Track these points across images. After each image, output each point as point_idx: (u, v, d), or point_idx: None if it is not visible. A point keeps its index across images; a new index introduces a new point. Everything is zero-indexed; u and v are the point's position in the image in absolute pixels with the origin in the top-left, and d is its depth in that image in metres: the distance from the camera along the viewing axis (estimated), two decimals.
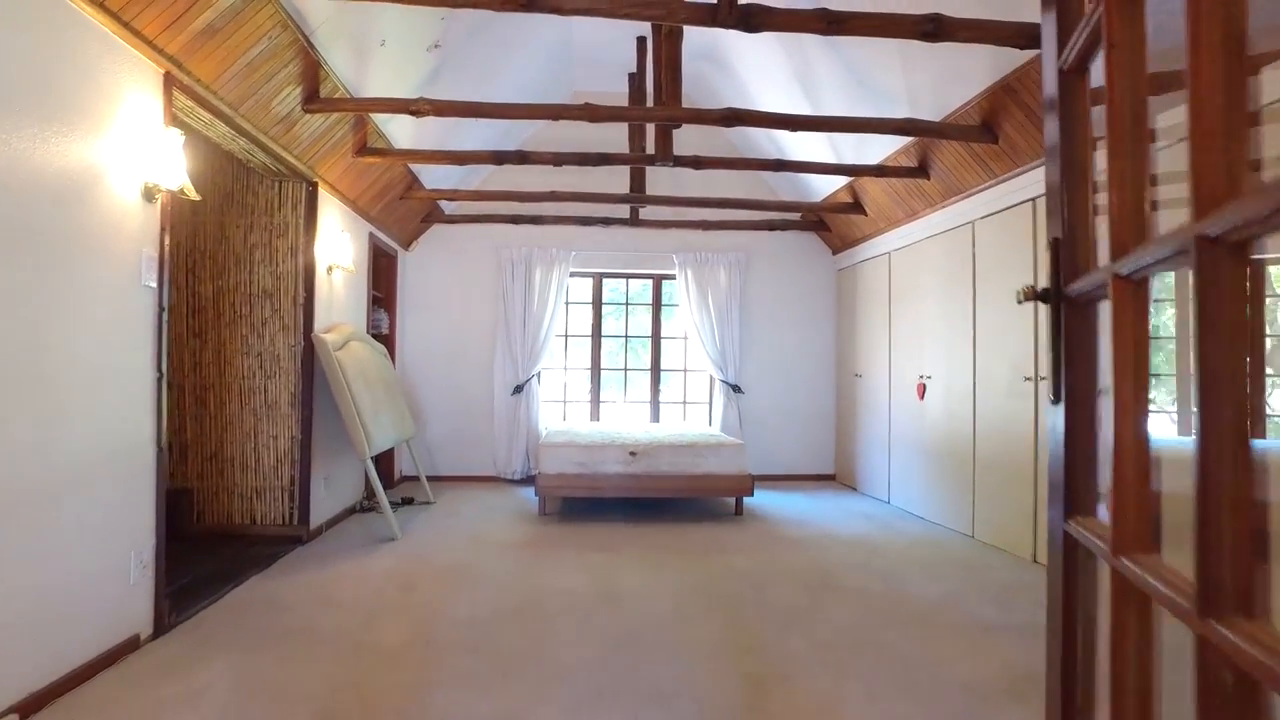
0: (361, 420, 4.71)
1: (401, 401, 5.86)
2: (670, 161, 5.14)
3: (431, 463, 7.31)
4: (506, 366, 7.27)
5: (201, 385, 4.72)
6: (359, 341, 5.34)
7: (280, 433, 4.71)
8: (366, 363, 5.24)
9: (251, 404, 4.72)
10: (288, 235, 4.74)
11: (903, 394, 6.18)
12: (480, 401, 7.37)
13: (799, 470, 7.68)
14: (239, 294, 4.73)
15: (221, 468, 4.71)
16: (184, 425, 4.72)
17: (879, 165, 5.43)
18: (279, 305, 4.73)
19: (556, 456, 5.52)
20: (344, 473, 5.37)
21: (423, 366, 7.34)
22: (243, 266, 4.73)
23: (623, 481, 5.50)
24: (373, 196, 5.77)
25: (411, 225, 6.98)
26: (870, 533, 5.28)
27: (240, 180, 4.74)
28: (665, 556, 4.51)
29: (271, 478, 4.71)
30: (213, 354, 4.72)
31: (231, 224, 4.74)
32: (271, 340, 4.73)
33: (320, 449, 4.93)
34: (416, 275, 7.36)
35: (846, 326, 7.49)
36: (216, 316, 4.72)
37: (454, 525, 5.32)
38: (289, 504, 4.70)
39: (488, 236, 7.39)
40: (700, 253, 7.49)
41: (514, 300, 7.24)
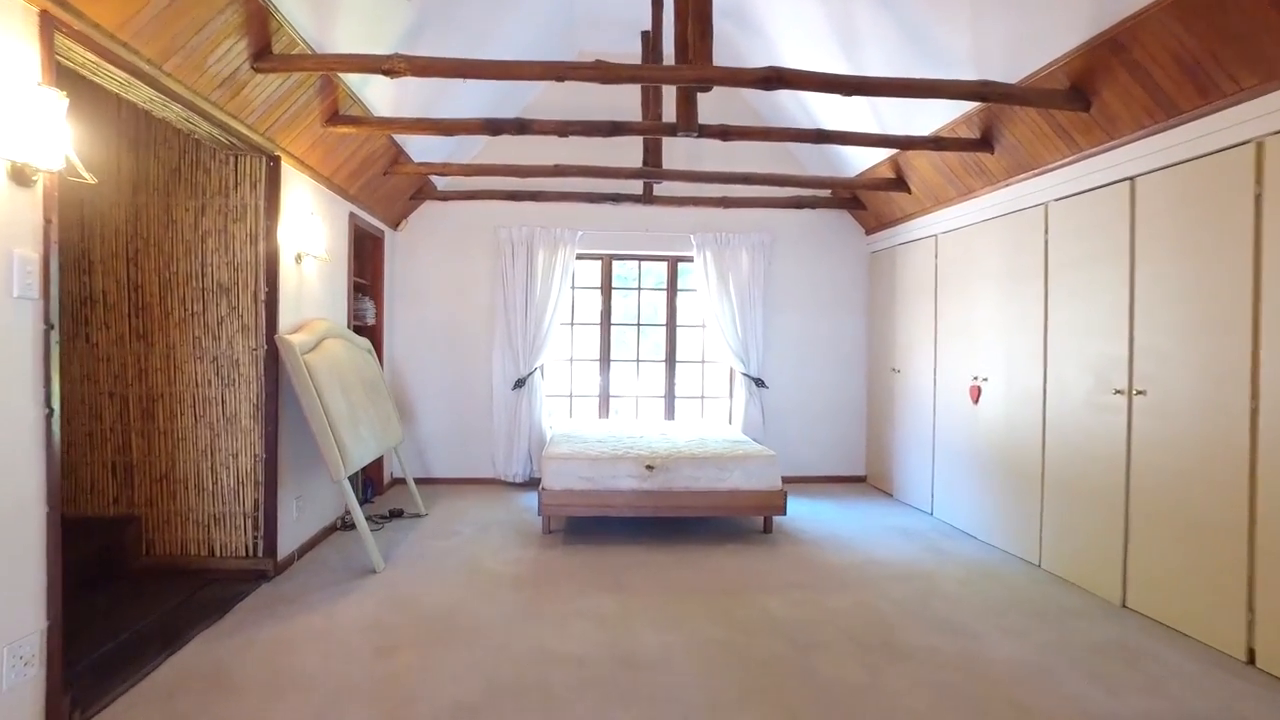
0: (336, 436, 4.04)
1: (387, 404, 5.19)
2: (694, 131, 4.40)
3: (425, 465, 6.66)
4: (506, 358, 6.59)
5: (149, 396, 4.05)
6: (336, 339, 4.65)
7: (241, 450, 4.05)
8: (344, 364, 4.56)
9: (208, 417, 4.05)
10: (246, 219, 4.03)
11: (950, 394, 5.50)
12: (478, 397, 6.70)
13: (827, 472, 7.01)
14: (190, 288, 4.04)
15: (173, 491, 4.06)
16: (129, 443, 4.05)
17: (935, 137, 4.68)
18: (237, 302, 4.04)
19: (561, 470, 4.86)
20: (320, 488, 4.72)
21: (414, 360, 6.66)
22: (194, 256, 4.04)
23: (637, 499, 4.84)
24: (351, 172, 5.04)
25: (399, 203, 6.26)
26: (919, 558, 4.63)
27: (189, 154, 4.03)
28: (687, 600, 3.86)
29: (232, 502, 4.06)
30: (161, 359, 4.04)
31: (179, 206, 4.03)
32: (229, 343, 4.05)
33: (291, 465, 4.27)
34: (406, 259, 6.65)
35: (882, 316, 6.78)
36: (164, 315, 4.04)
37: (445, 549, 4.68)
38: (252, 532, 4.06)
39: (485, 215, 6.66)
40: (720, 233, 6.76)
41: (514, 285, 6.54)
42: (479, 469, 6.71)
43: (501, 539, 4.93)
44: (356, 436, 4.31)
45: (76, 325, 4.03)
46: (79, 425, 4.05)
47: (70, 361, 4.03)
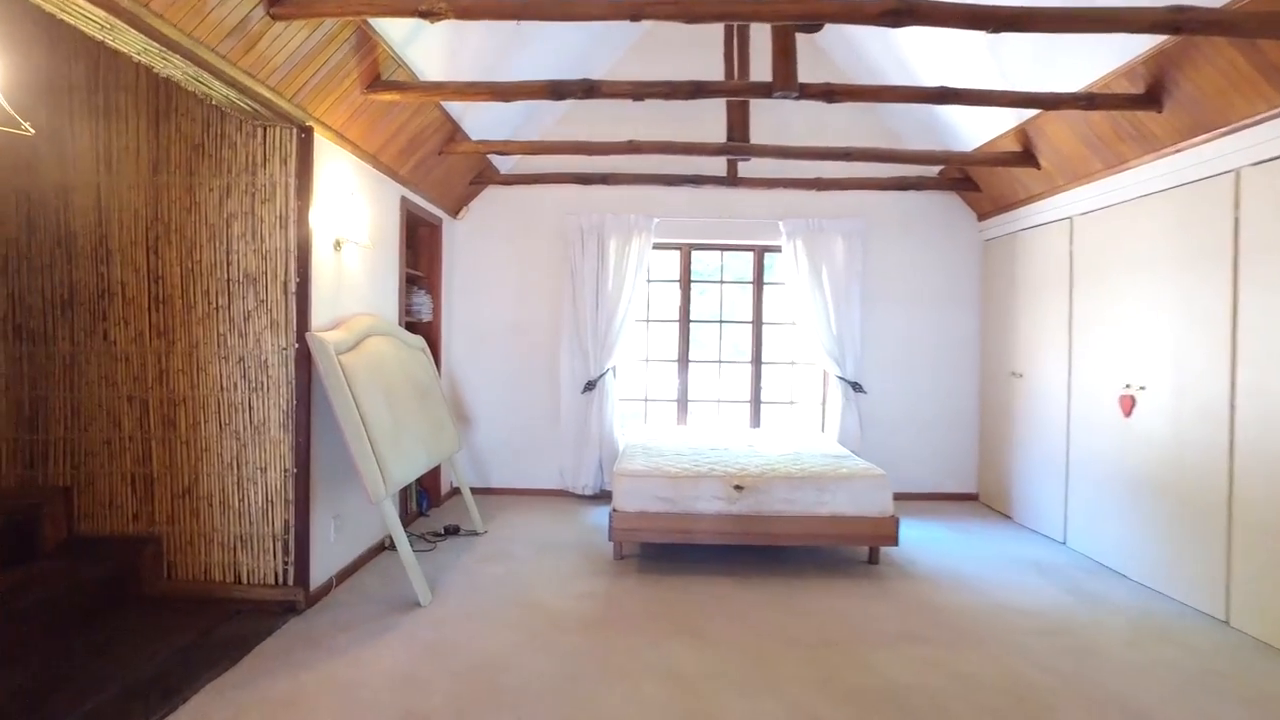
0: (375, 450, 3.50)
1: (441, 410, 4.65)
2: (794, 91, 3.69)
3: (485, 474, 6.13)
4: (575, 359, 5.99)
5: (170, 400, 3.59)
6: (381, 337, 4.13)
7: (270, 463, 3.55)
8: (389, 366, 4.03)
9: (233, 425, 3.57)
10: (275, 200, 3.53)
11: (1091, 403, 4.62)
12: (544, 401, 6.12)
13: (932, 488, 6.18)
14: (214, 279, 3.56)
15: (196, 508, 3.59)
16: (149, 453, 3.60)
17: (1086, 94, 3.84)
18: (265, 294, 3.54)
19: (636, 490, 4.22)
20: (364, 504, 4.20)
21: (474, 360, 6.13)
22: (218, 242, 3.55)
23: (723, 524, 4.16)
24: (400, 150, 4.51)
25: (458, 187, 5.73)
26: (1063, 604, 3.80)
27: (213, 126, 3.55)
28: (783, 655, 3.16)
29: (260, 522, 3.56)
30: (183, 359, 3.58)
31: (203, 186, 3.55)
32: (257, 341, 3.55)
33: (327, 480, 3.76)
34: (467, 249, 6.13)
35: (998, 312, 5.90)
36: (186, 309, 3.57)
37: (501, 577, 4.10)
38: (282, 558, 3.55)
39: (552, 201, 6.08)
40: (812, 219, 6.01)
41: (584, 278, 5.94)
42: (544, 480, 6.14)
43: (566, 565, 4.32)
44: (400, 450, 3.76)
45: (94, 321, 3.60)
46: (96, 432, 3.62)
47: (87, 361, 3.61)
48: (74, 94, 3.60)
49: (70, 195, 3.61)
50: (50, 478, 3.65)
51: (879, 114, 5.99)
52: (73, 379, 3.62)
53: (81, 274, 3.60)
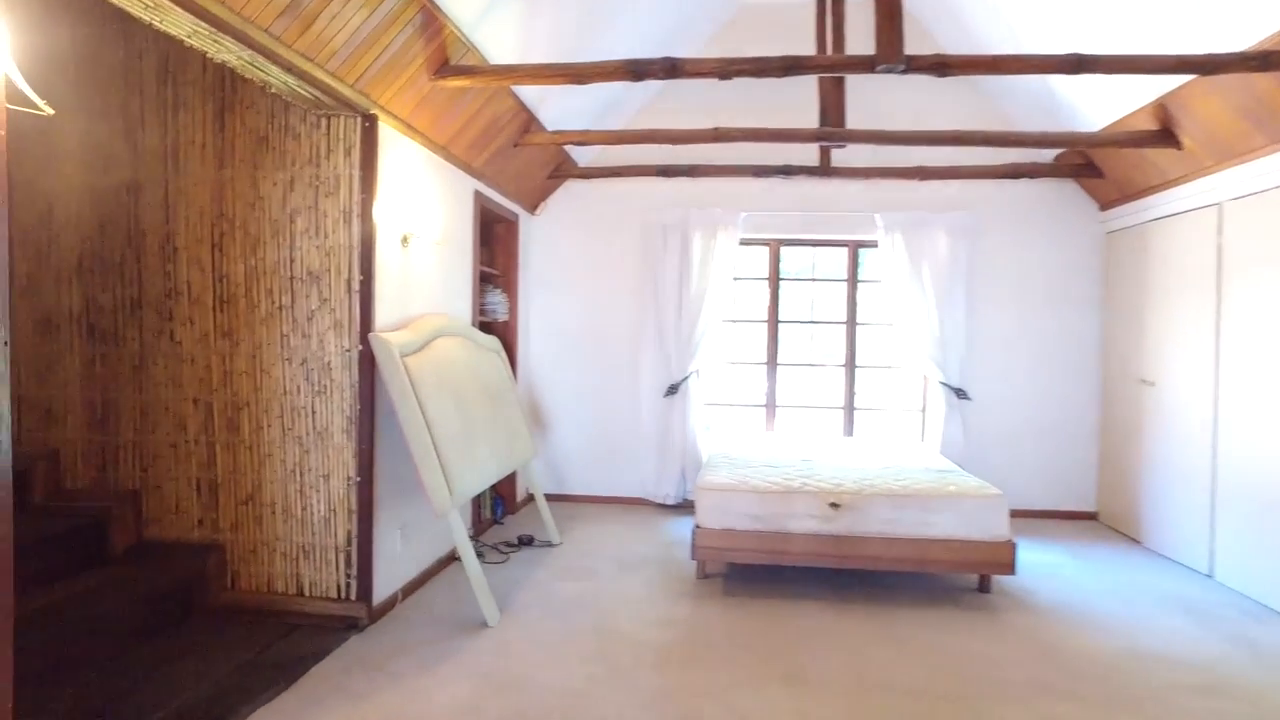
0: (441, 458, 3.27)
1: (515, 414, 4.41)
2: (901, 64, 3.27)
3: (562, 481, 5.89)
4: (657, 361, 5.69)
5: (233, 403, 3.45)
6: (451, 338, 3.92)
7: (333, 471, 3.37)
8: (460, 369, 3.81)
9: (296, 430, 3.40)
10: (339, 193, 3.35)
11: (1244, 417, 4.00)
12: (624, 406, 5.83)
13: (1045, 505, 5.59)
14: (277, 277, 3.40)
15: (259, 515, 3.45)
16: (213, 457, 3.48)
17: (1259, 51, 3.27)
18: (328, 292, 3.36)
19: (721, 506, 3.87)
20: (431, 518, 4.00)
21: (551, 362, 5.90)
22: (282, 238, 3.40)
23: (818, 545, 3.77)
24: (473, 141, 4.30)
25: (535, 181, 5.50)
26: (1226, 656, 3.24)
27: (277, 118, 3.39)
28: (894, 709, 2.75)
29: (322, 533, 3.39)
30: (246, 360, 3.44)
31: (266, 180, 3.40)
32: (320, 342, 3.38)
33: (392, 489, 3.56)
34: (544, 246, 5.90)
35: (1124, 312, 5.28)
36: (250, 309, 3.43)
37: (576, 596, 3.82)
38: (344, 571, 3.37)
39: (633, 195, 5.79)
40: (913, 211, 5.52)
41: (666, 276, 5.62)
42: (624, 487, 5.85)
43: (645, 585, 4.01)
44: (470, 458, 3.53)
45: (161, 321, 3.50)
46: (163, 435, 3.52)
47: (154, 362, 3.51)
48: (145, 89, 3.50)
49: (140, 192, 3.52)
50: (120, 481, 3.58)
51: (988, 95, 5.45)
52: (141, 380, 3.53)
53: (150, 273, 3.51)
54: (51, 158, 3.60)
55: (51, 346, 3.62)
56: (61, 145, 3.59)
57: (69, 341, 3.60)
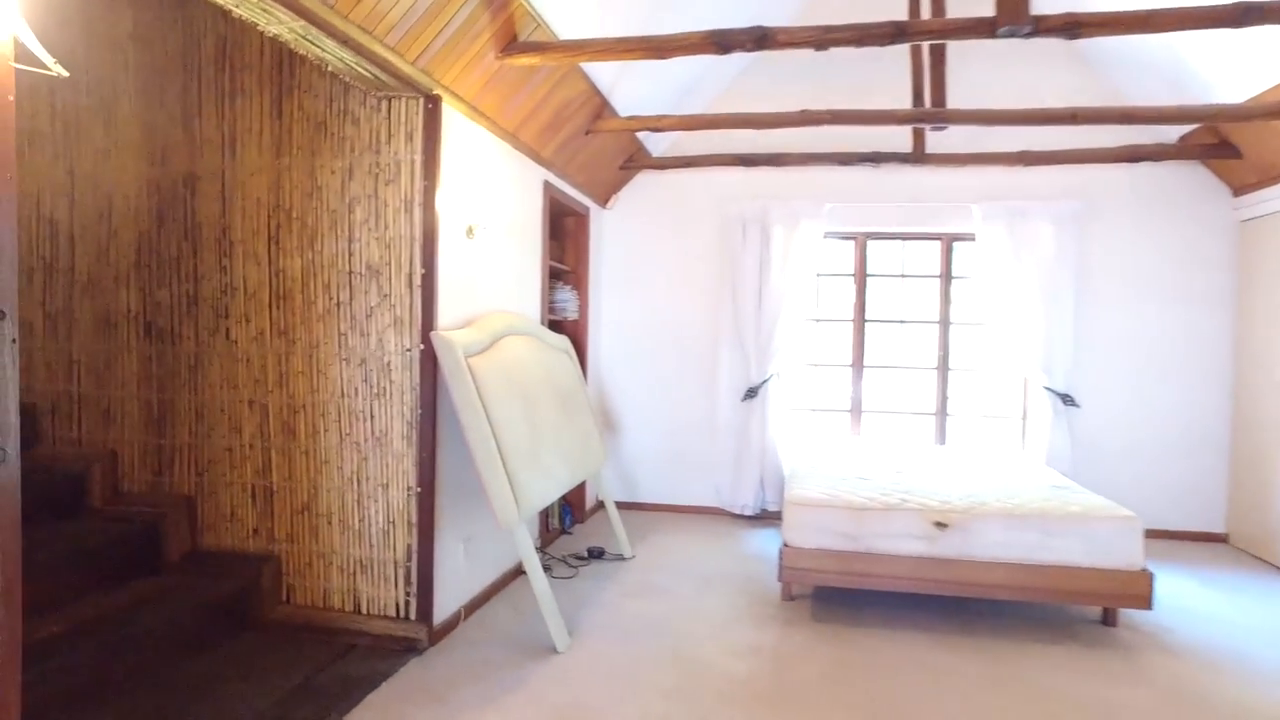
0: (506, 468, 3.01)
1: (586, 419, 4.13)
2: (1026, 26, 2.86)
3: (633, 487, 5.59)
4: (735, 363, 5.34)
5: (290, 406, 3.25)
6: (519, 337, 3.65)
7: (392, 480, 3.14)
8: (528, 370, 3.54)
9: (354, 435, 3.18)
10: (400, 181, 3.11)
11: None
12: (699, 409, 5.50)
13: (1167, 525, 5.01)
14: (335, 271, 3.19)
15: (315, 525, 3.24)
16: (269, 463, 3.29)
17: None
18: (388, 288, 3.13)
19: (812, 523, 3.51)
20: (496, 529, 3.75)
21: (622, 363, 5.61)
22: (340, 230, 3.18)
23: (920, 569, 3.38)
24: (543, 127, 4.03)
25: (607, 172, 5.22)
26: None
27: (336, 101, 3.17)
28: None
29: (380, 546, 3.16)
30: (303, 360, 3.23)
31: (324, 168, 3.19)
32: (379, 341, 3.15)
33: (455, 498, 3.32)
34: (616, 241, 5.61)
35: (1264, 310, 4.69)
36: (307, 305, 3.22)
37: (650, 617, 3.51)
38: (404, 587, 3.13)
39: (710, 187, 5.45)
40: (1015, 200, 5.04)
41: (745, 273, 5.27)
42: (698, 496, 5.52)
43: (725, 605, 3.68)
44: (538, 467, 3.26)
45: (216, 318, 3.33)
46: (218, 439, 3.34)
47: (210, 362, 3.34)
48: (203, 75, 3.34)
49: (197, 184, 3.36)
50: (175, 485, 3.42)
51: (1102, 69, 4.93)
52: (197, 381, 3.37)
53: (206, 268, 3.34)
54: (112, 150, 3.47)
55: (109, 345, 3.49)
56: (122, 136, 3.46)
57: (126, 340, 3.47)
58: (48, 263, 3.60)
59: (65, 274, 3.57)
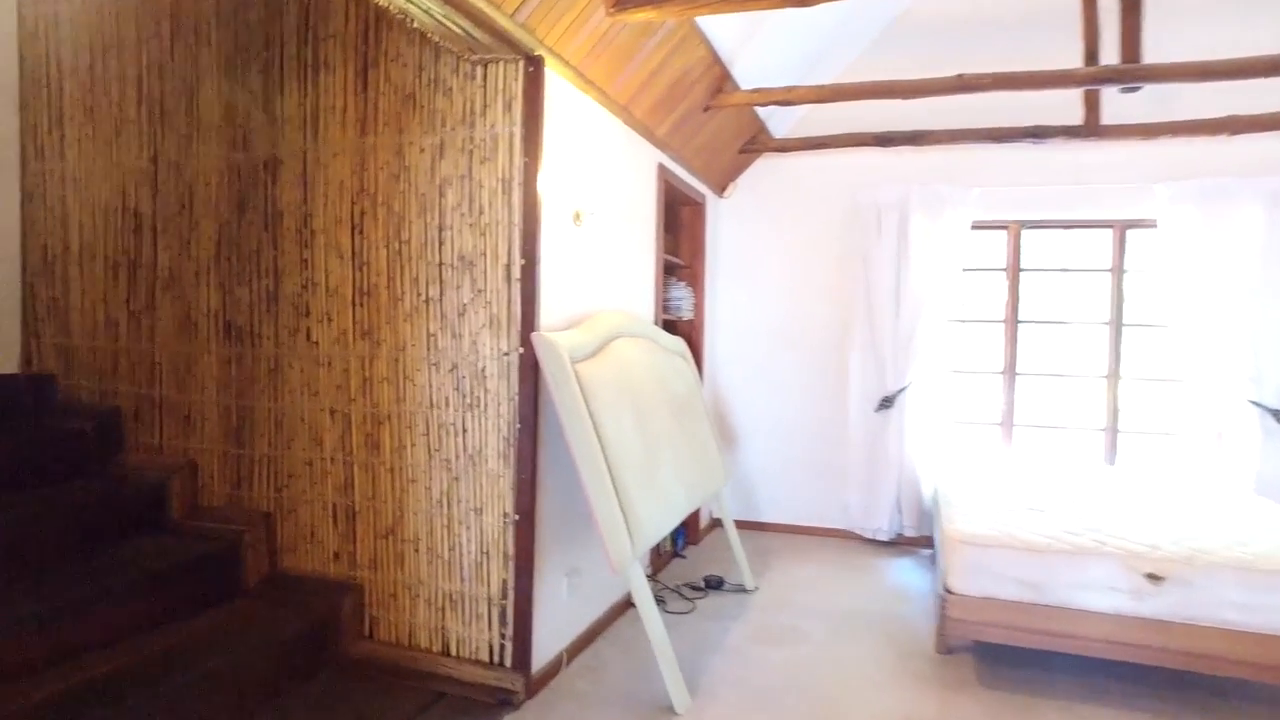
0: (619, 494, 2.53)
1: (705, 431, 3.63)
2: None
3: (751, 504, 5.05)
4: (868, 368, 4.71)
5: (373, 416, 2.88)
6: (631, 339, 3.18)
7: (487, 504, 2.71)
8: (641, 377, 3.06)
9: (444, 451, 2.77)
10: (497, 158, 2.68)
11: None
12: (826, 420, 4.89)
13: None
14: (424, 263, 2.79)
15: (401, 552, 2.85)
16: (351, 479, 2.92)
17: None
18: (483, 282, 2.71)
19: (980, 564, 2.88)
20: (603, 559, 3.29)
21: (740, 368, 5.07)
22: (430, 216, 2.78)
23: (1124, 631, 2.70)
24: (658, 101, 3.55)
25: (725, 156, 4.69)
26: None
27: (426, 70, 2.78)
28: None
29: (473, 580, 2.74)
30: (388, 364, 2.85)
31: (413, 145, 2.80)
32: (473, 342, 2.73)
33: (558, 525, 2.87)
34: (733, 233, 5.08)
35: None
36: (393, 302, 2.84)
37: (782, 671, 2.97)
38: (499, 629, 2.70)
39: (841, 171, 4.84)
40: (1213, 177, 4.22)
41: (880, 267, 4.63)
42: (824, 516, 4.92)
43: (870, 657, 3.09)
44: (653, 491, 2.77)
45: (297, 317, 3.00)
46: (298, 450, 3.01)
47: (290, 365, 3.01)
48: (285, 49, 3.01)
49: (278, 168, 3.03)
50: (254, 501, 3.12)
51: None
52: (276, 386, 3.04)
53: (286, 261, 3.01)
54: (194, 135, 3.21)
55: (190, 346, 3.22)
56: (204, 119, 3.19)
57: (206, 341, 3.18)
58: (132, 258, 3.37)
59: (148, 270, 3.33)
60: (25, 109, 3.70)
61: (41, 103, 3.63)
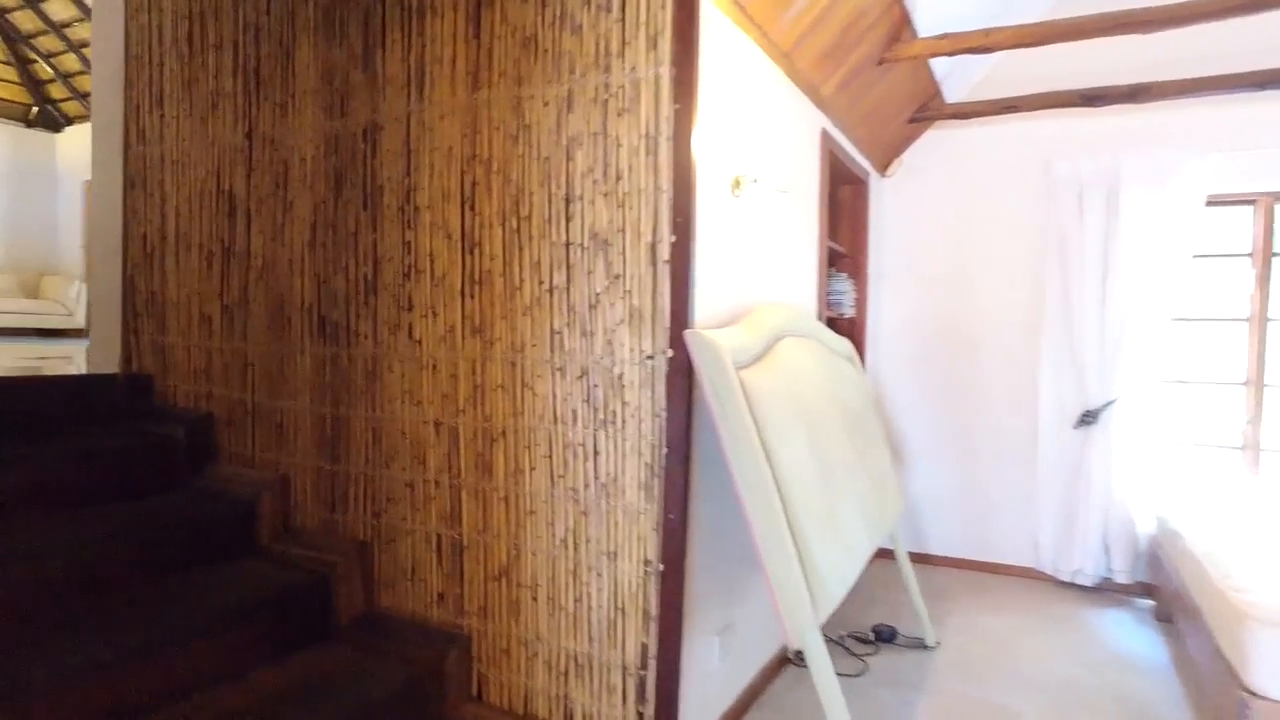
0: (799, 545, 1.91)
1: (880, 452, 2.95)
2: None
3: (918, 533, 4.31)
4: (1063, 376, 3.91)
5: (485, 431, 2.36)
6: (797, 340, 2.55)
7: (623, 546, 2.15)
8: (812, 389, 2.42)
9: (570, 478, 2.23)
10: (639, 109, 2.11)
11: None
12: (1010, 437, 4.11)
13: None
14: (547, 243, 2.25)
15: (516, 600, 2.33)
16: (458, 507, 2.42)
17: None
18: (621, 265, 2.14)
19: None
20: (758, 608, 2.67)
21: (905, 373, 4.36)
22: (555, 184, 2.23)
23: None
24: (825, 51, 2.90)
25: (893, 125, 3.98)
26: None
27: (550, 4, 2.23)
28: None
29: (604, 640, 2.18)
30: (503, 368, 2.33)
31: (535, 99, 2.26)
32: (608, 342, 2.17)
33: (709, 574, 2.28)
34: (898, 217, 4.35)
35: None
36: (509, 293, 2.31)
37: None
38: (635, 703, 2.13)
39: (1030, 139, 4.05)
40: None
41: (1082, 254, 3.81)
42: (1008, 551, 4.13)
43: None
44: (837, 537, 2.13)
45: (398, 311, 2.52)
46: (398, 470, 2.54)
47: (389, 369, 2.54)
48: None
49: (378, 136, 2.57)
50: (349, 526, 2.67)
51: None
52: (374, 392, 2.58)
53: (387, 245, 2.55)
54: (290, 103, 2.80)
55: (282, 345, 2.82)
56: (300, 85, 2.77)
57: (299, 339, 2.77)
58: (226, 245, 3.01)
59: (241, 258, 2.96)
60: (129, 88, 3.42)
61: (144, 82, 3.34)
